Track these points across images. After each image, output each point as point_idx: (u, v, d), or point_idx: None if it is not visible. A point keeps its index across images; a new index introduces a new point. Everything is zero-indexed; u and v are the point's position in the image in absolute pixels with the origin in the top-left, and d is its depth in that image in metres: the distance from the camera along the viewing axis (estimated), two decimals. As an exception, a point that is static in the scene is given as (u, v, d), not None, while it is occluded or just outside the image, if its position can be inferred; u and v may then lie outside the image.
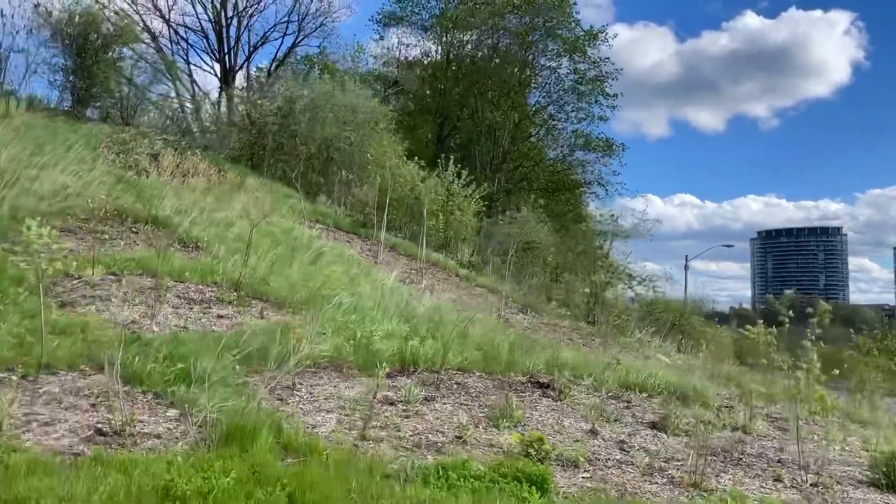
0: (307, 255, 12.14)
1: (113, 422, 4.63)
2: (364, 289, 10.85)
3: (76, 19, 17.43)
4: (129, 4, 26.63)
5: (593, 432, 6.26)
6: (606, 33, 33.38)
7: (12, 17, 18.18)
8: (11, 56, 17.29)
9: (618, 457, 5.70)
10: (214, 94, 24.20)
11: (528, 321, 12.89)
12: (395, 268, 13.21)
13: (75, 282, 8.53)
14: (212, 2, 30.86)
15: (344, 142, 17.51)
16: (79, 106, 17.57)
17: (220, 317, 8.24)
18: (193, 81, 29.65)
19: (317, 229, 14.67)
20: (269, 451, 4.36)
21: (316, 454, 4.45)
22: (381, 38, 34.33)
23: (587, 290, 14.89)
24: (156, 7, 29.49)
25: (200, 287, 9.18)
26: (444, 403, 6.47)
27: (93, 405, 5.04)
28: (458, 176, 16.64)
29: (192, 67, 29.07)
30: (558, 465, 5.14)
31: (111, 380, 5.46)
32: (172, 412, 5.10)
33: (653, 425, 6.96)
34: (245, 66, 32.40)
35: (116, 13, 19.07)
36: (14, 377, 5.42)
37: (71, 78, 17.69)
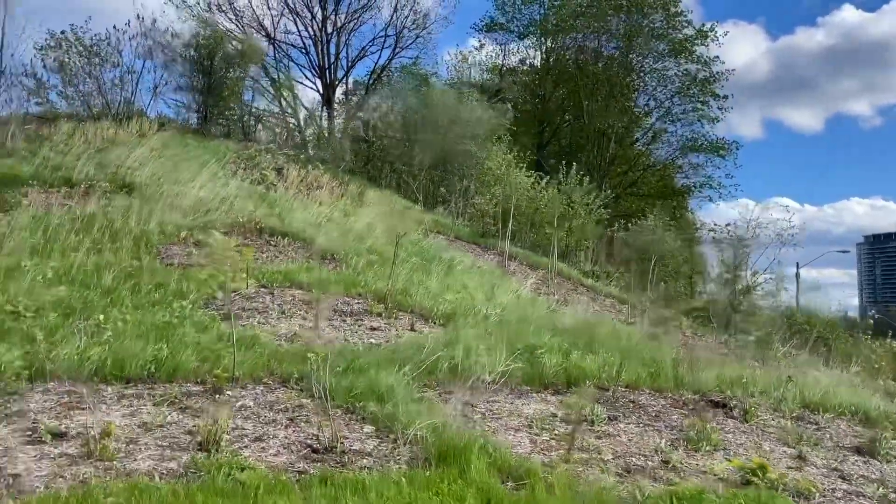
0: (439, 265, 12.05)
1: (321, 438, 4.55)
2: (502, 300, 10.61)
3: (203, 41, 18.20)
4: (236, 25, 27.84)
5: (801, 458, 5.71)
6: (716, 31, 32.07)
7: (139, 38, 19.30)
8: (141, 78, 18.23)
9: (844, 487, 5.15)
10: (316, 108, 24.79)
11: (668, 334, 12.28)
12: (525, 278, 12.92)
13: (231, 295, 8.71)
14: (312, 20, 31.82)
15: (462, 153, 17.45)
16: (204, 124, 18.31)
17: (372, 329, 8.19)
18: (295, 97, 30.67)
19: (440, 240, 14.60)
20: (488, 474, 4.15)
21: (534, 478, 4.19)
22: (482, 45, 34.31)
23: (725, 300, 14.11)
24: (262, 26, 30.71)
25: (346, 299, 9.20)
26: (629, 423, 6.09)
27: (291, 420, 5.00)
28: (580, 183, 16.21)
29: (293, 83, 29.94)
30: (788, 496, 4.67)
31: (303, 394, 5.43)
32: (368, 428, 4.99)
33: (857, 450, 6.31)
34: (344, 80, 33.23)
35: (237, 35, 19.80)
36: (207, 390, 5.49)
37: (197, 97, 18.46)
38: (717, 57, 31.83)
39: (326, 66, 31.97)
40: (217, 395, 5.37)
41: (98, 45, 21.57)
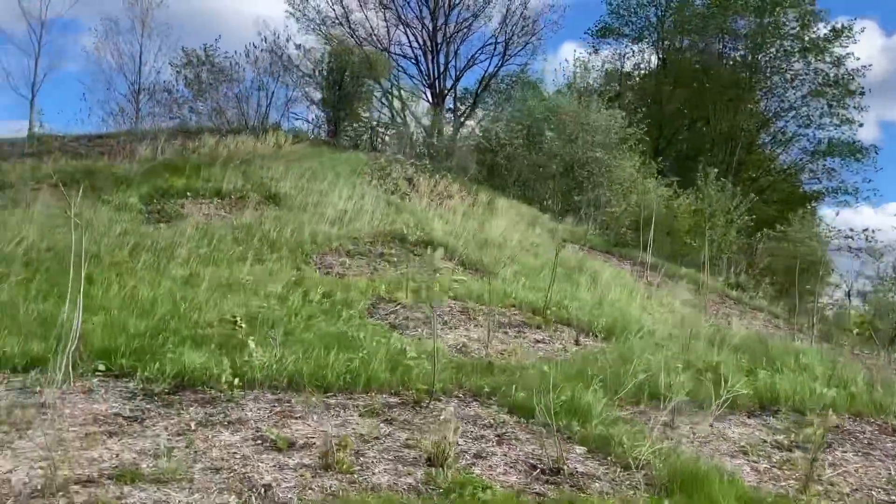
0: (582, 276, 11.78)
1: (542, 458, 4.42)
2: (656, 314, 10.22)
3: (333, 56, 18.77)
4: (350, 37, 28.64)
5: None
6: (852, 29, 29.98)
7: (266, 55, 20.14)
8: (275, 93, 18.98)
9: None
10: (435, 118, 25.02)
11: (835, 352, 11.44)
12: (672, 290, 12.43)
13: (389, 305, 8.82)
14: (423, 30, 32.29)
15: (593, 161, 17.12)
16: (335, 135, 18.86)
17: (537, 341, 8.05)
18: (405, 106, 31.22)
19: (575, 250, 14.32)
20: (737, 506, 3.89)
21: (787, 513, 3.89)
22: (596, 51, 33.72)
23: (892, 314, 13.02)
24: (377, 39, 31.46)
25: (502, 310, 9.10)
26: (845, 451, 5.62)
27: (499, 437, 4.91)
28: (722, 190, 15.50)
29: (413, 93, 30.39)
30: None
31: (501, 410, 5.33)
32: (580, 449, 4.82)
33: None
34: (452, 89, 33.49)
35: (364, 49, 20.31)
36: (405, 402, 5.49)
37: (328, 110, 19.03)
38: (852, 53, 29.81)
39: (436, 76, 32.42)
40: (417, 408, 5.36)
41: (227, 63, 22.77)
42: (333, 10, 29.60)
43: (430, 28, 33.01)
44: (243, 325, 5.39)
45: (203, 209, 12.55)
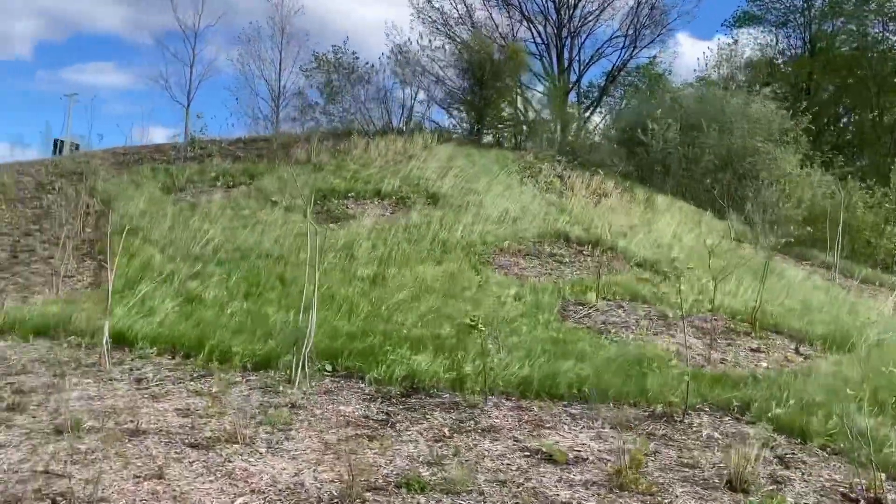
0: (770, 279, 10.96)
1: (853, 486, 3.96)
2: (870, 320, 9.30)
3: (474, 52, 18.67)
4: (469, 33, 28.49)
5: None
6: None
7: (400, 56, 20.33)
8: (417, 92, 19.11)
9: None
10: (578, 112, 24.48)
11: None
12: (871, 294, 11.37)
13: (579, 307, 8.50)
14: (546, 23, 31.74)
15: (754, 154, 16.08)
16: (478, 134, 18.76)
17: (752, 350, 7.47)
18: (527, 101, 30.81)
19: (747, 249, 13.43)
20: None
21: None
22: (735, 42, 31.93)
23: None
24: (501, 36, 31.23)
25: (702, 315, 8.56)
26: None
27: (779, 458, 4.47)
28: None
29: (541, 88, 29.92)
30: None
31: (756, 426, 4.88)
32: (881, 475, 4.30)
33: None
34: (577, 84, 32.74)
35: (501, 44, 20.11)
36: (654, 415, 5.14)
37: (469, 108, 18.96)
38: None
39: (561, 70, 31.79)
40: (672, 422, 5.00)
41: (361, 65, 23.24)
42: (457, 9, 29.72)
43: (555, 23, 32.51)
44: (482, 328, 5.22)
45: (367, 210, 12.73)
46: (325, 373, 5.81)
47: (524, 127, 18.62)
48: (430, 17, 29.39)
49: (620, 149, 18.67)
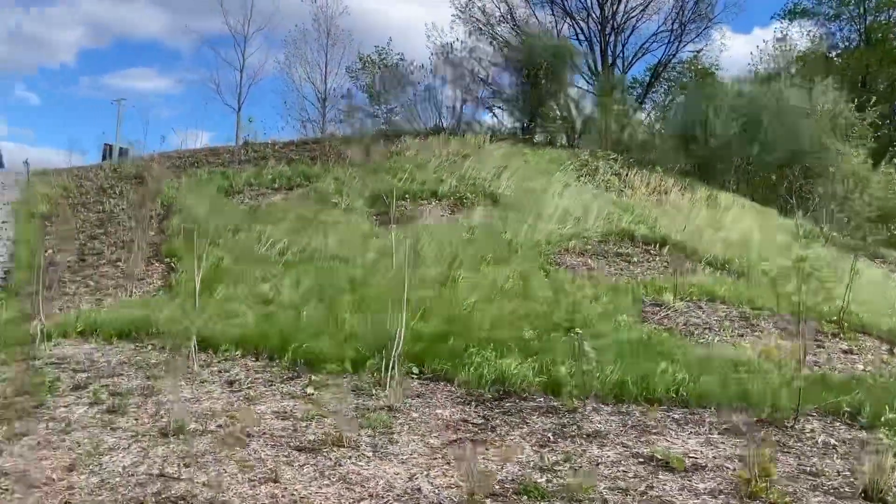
0: (847, 277, 10.60)
1: None
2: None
3: (524, 50, 18.52)
4: (516, 34, 28.29)
5: None
6: None
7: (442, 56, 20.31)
8: (466, 90, 19.03)
9: None
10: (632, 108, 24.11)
11: None
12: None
13: (656, 308, 8.31)
14: (588, 19, 31.39)
15: (822, 151, 15.63)
16: (530, 132, 18.61)
17: (844, 352, 7.21)
18: (576, 100, 30.49)
19: (816, 247, 13.04)
20: None
21: None
22: (785, 36, 31.21)
23: None
24: (545, 34, 30.96)
25: (784, 315, 8.29)
26: None
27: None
28: None
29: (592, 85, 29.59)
30: None
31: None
32: None
33: None
34: (622, 80, 32.29)
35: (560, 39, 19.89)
36: (763, 421, 4.97)
37: (519, 106, 18.82)
38: None
39: (605, 67, 31.40)
40: (783, 428, 4.82)
41: (402, 66, 23.29)
42: (499, 7, 29.56)
43: (598, 19, 32.12)
44: (579, 332, 5.11)
45: (426, 211, 12.70)
46: (412, 375, 5.77)
47: (576, 125, 18.38)
48: (471, 16, 29.31)
49: (677, 145, 18.34)
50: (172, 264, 10.13)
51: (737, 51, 58.00)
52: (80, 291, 9.69)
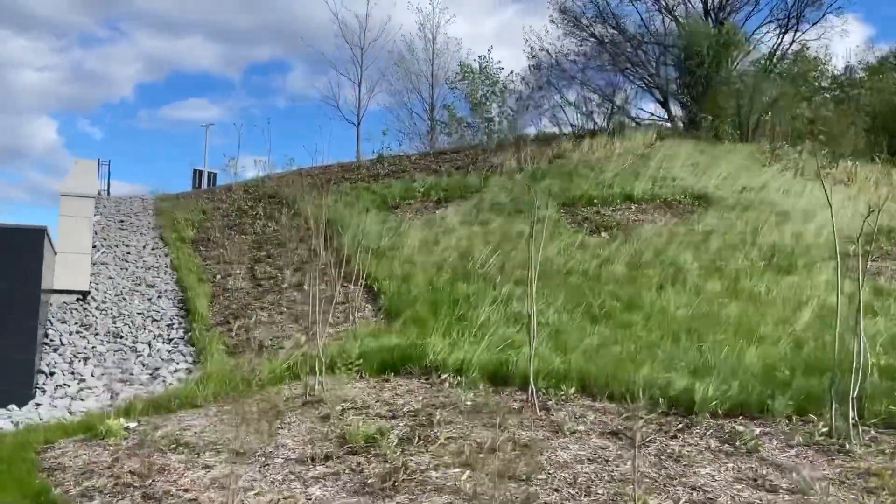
0: None
1: None
2: None
3: (684, 39, 17.14)
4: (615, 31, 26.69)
5: None
6: None
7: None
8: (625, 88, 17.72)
9: None
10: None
11: None
12: None
13: None
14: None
15: None
16: (693, 126, 17.15)
17: None
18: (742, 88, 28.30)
19: None
20: None
21: None
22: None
23: None
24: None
25: None
26: None
27: None
28: None
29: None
30: None
31: None
32: None
33: None
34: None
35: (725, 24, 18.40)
36: None
37: (680, 99, 17.40)
38: None
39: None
40: None
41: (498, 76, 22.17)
42: (597, 4, 28.00)
43: (702, 11, 30.21)
44: None
45: (628, 216, 11.37)
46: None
47: (750, 117, 16.75)
48: (564, 16, 27.88)
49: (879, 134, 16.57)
50: (373, 286, 9.04)
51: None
52: (278, 319, 8.74)
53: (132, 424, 4.81)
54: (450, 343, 6.11)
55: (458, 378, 5.43)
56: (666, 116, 18.44)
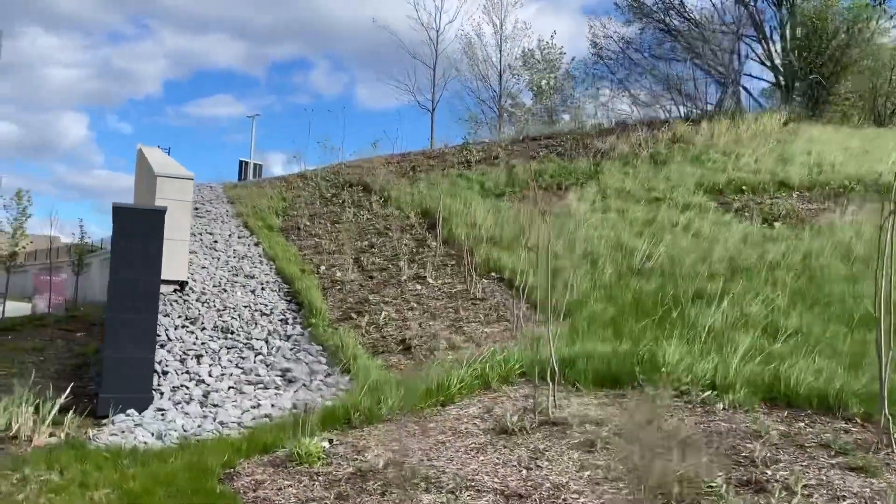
0: None
1: None
2: None
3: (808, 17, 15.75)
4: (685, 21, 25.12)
5: None
6: None
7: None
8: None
9: None
10: None
11: None
12: None
13: None
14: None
15: None
16: (816, 107, 15.73)
17: None
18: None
19: None
20: None
21: None
22: None
23: None
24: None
25: None
26: None
27: None
28: None
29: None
30: None
31: None
32: None
33: None
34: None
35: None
36: None
37: (804, 78, 16.01)
38: None
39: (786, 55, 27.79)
40: None
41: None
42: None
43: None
44: None
45: (794, 205, 10.07)
46: None
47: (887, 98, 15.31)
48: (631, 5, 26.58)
49: None
50: (513, 280, 7.87)
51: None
52: (409, 315, 7.65)
53: (325, 444, 3.74)
54: (686, 351, 4.92)
55: (720, 396, 4.25)
56: (784, 98, 16.98)
